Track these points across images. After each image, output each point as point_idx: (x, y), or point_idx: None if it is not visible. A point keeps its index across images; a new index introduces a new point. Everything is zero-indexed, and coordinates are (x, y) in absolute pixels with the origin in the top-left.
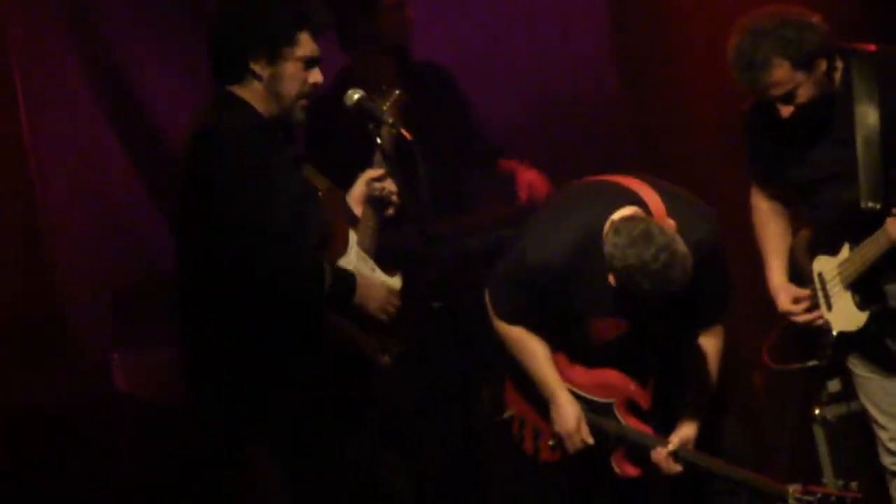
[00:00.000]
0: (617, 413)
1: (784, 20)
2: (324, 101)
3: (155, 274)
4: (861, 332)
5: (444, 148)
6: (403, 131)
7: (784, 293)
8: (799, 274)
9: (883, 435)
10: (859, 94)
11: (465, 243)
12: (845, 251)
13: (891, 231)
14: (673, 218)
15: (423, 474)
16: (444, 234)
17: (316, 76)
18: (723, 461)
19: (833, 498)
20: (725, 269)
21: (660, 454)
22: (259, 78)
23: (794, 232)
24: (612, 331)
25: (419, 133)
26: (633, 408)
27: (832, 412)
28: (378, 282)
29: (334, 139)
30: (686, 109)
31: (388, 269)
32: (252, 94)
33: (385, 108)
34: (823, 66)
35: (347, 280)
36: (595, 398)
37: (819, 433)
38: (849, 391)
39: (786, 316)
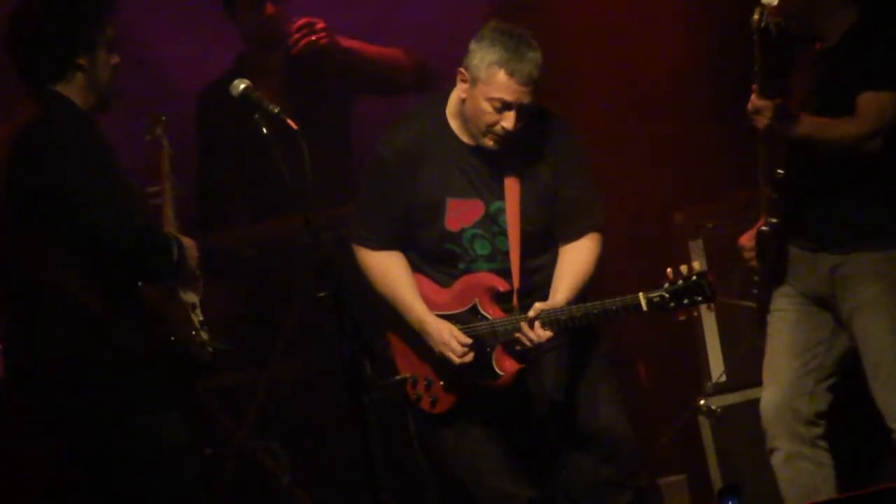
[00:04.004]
0: (482, 310)
1: None
2: (212, 93)
3: None
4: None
5: (331, 138)
6: (289, 121)
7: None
8: None
9: None
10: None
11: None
12: None
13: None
14: None
15: (310, 463)
16: (327, 223)
17: (115, 58)
18: (580, 304)
19: (680, 283)
20: (590, 178)
21: (526, 328)
22: (83, 70)
23: None
24: (470, 214)
25: (306, 123)
26: (496, 297)
27: (717, 402)
28: (185, 239)
29: (223, 129)
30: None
31: None
32: (73, 89)
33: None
34: None
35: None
36: (460, 310)
37: (703, 423)
38: (736, 381)
39: None
